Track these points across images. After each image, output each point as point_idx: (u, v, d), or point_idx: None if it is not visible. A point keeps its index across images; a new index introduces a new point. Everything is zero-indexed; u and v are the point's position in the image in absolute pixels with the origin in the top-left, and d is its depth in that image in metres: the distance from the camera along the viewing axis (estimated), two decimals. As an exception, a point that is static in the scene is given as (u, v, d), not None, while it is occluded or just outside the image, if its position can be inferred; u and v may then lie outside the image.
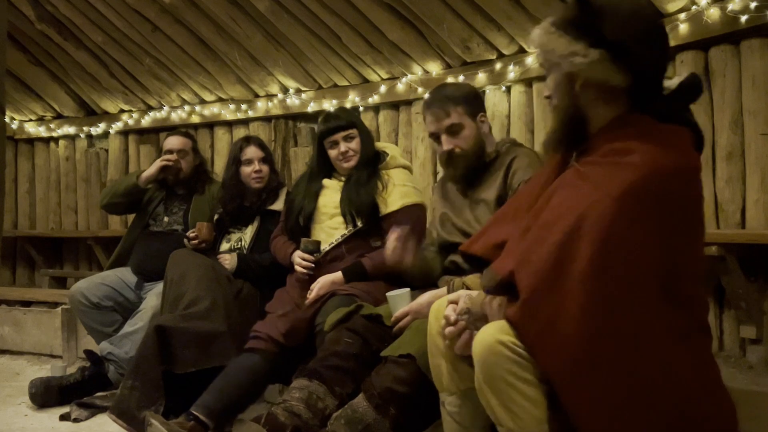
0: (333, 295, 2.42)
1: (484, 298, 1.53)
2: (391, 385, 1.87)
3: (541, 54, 1.55)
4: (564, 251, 1.35)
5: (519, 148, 2.27)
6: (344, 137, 2.67)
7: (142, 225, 3.36)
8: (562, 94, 1.51)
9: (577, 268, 1.33)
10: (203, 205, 3.34)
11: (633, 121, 1.46)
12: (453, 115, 2.18)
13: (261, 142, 3.14)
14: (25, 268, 5.33)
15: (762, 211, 2.74)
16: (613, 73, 1.43)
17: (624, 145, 1.42)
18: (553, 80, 1.52)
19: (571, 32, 1.46)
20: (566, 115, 1.52)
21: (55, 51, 4.69)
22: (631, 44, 1.42)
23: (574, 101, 1.49)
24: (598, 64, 1.42)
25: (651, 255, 1.35)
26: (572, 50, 1.44)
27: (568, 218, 1.38)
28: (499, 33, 3.40)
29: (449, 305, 1.62)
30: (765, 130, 2.73)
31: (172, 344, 2.47)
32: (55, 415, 2.78)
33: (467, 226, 2.19)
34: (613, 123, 1.47)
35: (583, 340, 1.31)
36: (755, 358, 2.66)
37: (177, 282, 2.67)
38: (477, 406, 1.68)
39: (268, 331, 2.46)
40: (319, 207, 2.68)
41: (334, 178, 2.75)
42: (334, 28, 3.75)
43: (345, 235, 2.60)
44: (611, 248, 1.33)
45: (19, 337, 4.03)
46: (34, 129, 5.25)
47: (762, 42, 2.74)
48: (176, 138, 3.43)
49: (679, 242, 1.39)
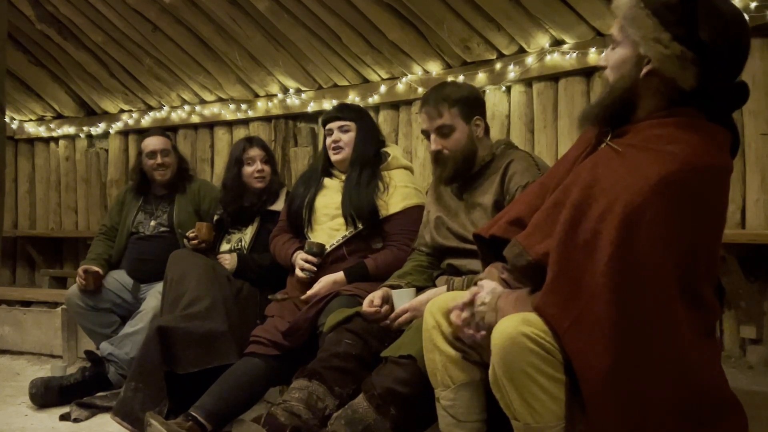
0: (336, 295, 2.41)
1: (502, 292, 1.52)
2: (392, 386, 1.87)
3: (620, 24, 1.48)
4: (595, 237, 1.36)
5: (515, 151, 2.25)
6: (339, 127, 2.68)
7: (127, 233, 3.34)
8: (625, 73, 1.47)
9: (604, 256, 1.33)
10: (187, 204, 3.34)
11: (681, 113, 1.44)
12: (445, 115, 2.18)
13: (263, 143, 3.13)
14: (25, 268, 5.33)
15: (762, 211, 2.74)
16: (686, 73, 1.40)
17: (668, 133, 1.41)
18: (620, 55, 1.48)
19: (662, 17, 1.39)
20: (620, 96, 1.48)
21: (55, 51, 4.68)
22: (716, 52, 1.39)
23: (633, 84, 1.46)
24: (675, 60, 1.38)
25: (675, 246, 1.35)
26: (657, 36, 1.39)
27: (601, 202, 1.38)
28: (499, 33, 3.40)
29: (470, 294, 1.57)
30: (765, 130, 2.73)
31: (174, 345, 2.47)
32: (55, 415, 2.78)
33: (463, 229, 2.18)
34: (661, 111, 1.46)
35: (613, 332, 1.30)
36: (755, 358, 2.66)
37: (177, 282, 2.67)
38: (471, 401, 1.69)
39: (268, 336, 2.46)
40: (320, 208, 2.67)
41: (335, 177, 2.74)
42: (334, 28, 3.75)
43: (346, 236, 2.59)
44: (640, 234, 1.33)
45: (19, 337, 4.03)
46: (34, 129, 5.25)
47: (762, 42, 2.74)
48: (157, 139, 3.39)
49: (701, 240, 1.40)
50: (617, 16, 1.49)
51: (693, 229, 1.37)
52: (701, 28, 1.37)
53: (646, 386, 1.32)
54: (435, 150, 2.21)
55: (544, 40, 3.35)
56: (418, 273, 2.30)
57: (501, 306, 1.49)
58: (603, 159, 1.48)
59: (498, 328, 1.41)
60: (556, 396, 1.37)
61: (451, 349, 1.67)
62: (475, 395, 1.70)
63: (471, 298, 1.55)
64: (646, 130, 1.45)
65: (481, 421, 1.71)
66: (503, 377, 1.39)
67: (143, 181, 3.40)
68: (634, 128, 1.48)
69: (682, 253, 1.36)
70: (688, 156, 1.37)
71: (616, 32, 1.50)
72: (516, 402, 1.38)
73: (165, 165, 3.34)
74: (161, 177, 3.35)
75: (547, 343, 1.35)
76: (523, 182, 2.08)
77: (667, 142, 1.40)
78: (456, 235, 2.20)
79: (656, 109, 1.46)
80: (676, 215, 1.35)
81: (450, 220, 2.23)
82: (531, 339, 1.35)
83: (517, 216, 1.65)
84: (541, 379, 1.36)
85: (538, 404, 1.37)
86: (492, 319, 1.48)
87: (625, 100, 1.48)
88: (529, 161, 2.16)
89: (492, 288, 1.56)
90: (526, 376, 1.36)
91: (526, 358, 1.35)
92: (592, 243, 1.37)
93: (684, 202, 1.36)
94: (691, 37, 1.37)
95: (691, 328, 1.37)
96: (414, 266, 2.33)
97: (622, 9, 1.47)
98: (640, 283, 1.33)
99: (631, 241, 1.33)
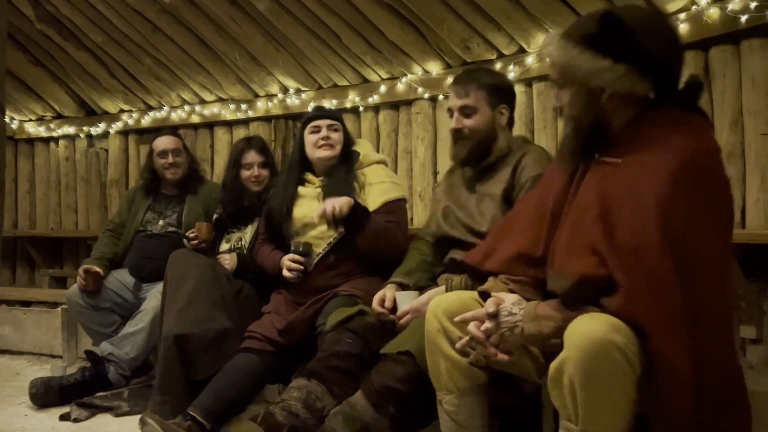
0: (334, 296, 2.41)
1: (535, 302, 1.51)
2: (391, 384, 1.87)
3: (558, 69, 1.55)
4: (640, 237, 1.37)
5: (530, 145, 2.28)
6: (329, 125, 2.66)
7: (134, 230, 3.34)
8: (584, 106, 1.52)
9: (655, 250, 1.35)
10: (197, 206, 3.33)
11: (662, 112, 1.49)
12: (471, 96, 2.19)
13: (262, 146, 3.11)
14: (25, 268, 5.33)
15: (762, 211, 2.74)
16: (640, 84, 1.47)
17: (661, 131, 1.46)
18: (572, 94, 1.54)
19: (594, 47, 1.47)
20: (587, 124, 1.54)
21: (55, 51, 4.68)
22: (654, 56, 1.46)
23: (598, 111, 1.52)
24: (625, 77, 1.45)
25: (713, 228, 1.40)
26: (599, 66, 1.46)
27: (627, 206, 1.41)
28: (499, 33, 3.40)
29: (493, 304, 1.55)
30: (765, 130, 2.73)
31: (190, 352, 2.47)
32: (55, 415, 2.78)
33: (470, 220, 2.18)
34: (642, 116, 1.50)
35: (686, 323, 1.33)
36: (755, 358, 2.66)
37: (177, 282, 2.66)
38: (475, 406, 1.68)
39: (264, 331, 2.45)
40: (299, 218, 2.61)
41: (308, 184, 2.69)
42: (334, 28, 3.75)
43: (331, 243, 2.55)
44: (681, 219, 1.37)
45: (19, 337, 4.04)
46: (34, 129, 5.25)
47: (762, 42, 2.73)
48: (168, 138, 3.39)
49: (721, 223, 1.44)
50: (550, 62, 1.56)
51: (714, 211, 1.42)
52: (630, 44, 1.45)
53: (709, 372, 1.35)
54: (455, 128, 2.22)
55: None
56: (422, 271, 2.30)
57: (542, 314, 1.47)
58: (603, 173, 1.51)
59: (582, 330, 1.34)
60: (624, 410, 1.35)
61: (456, 354, 1.65)
62: (479, 400, 1.69)
63: (495, 310, 1.52)
64: (635, 135, 1.49)
65: (484, 426, 1.70)
66: (578, 381, 1.33)
67: (154, 180, 3.40)
68: (620, 140, 1.52)
69: (720, 232, 1.42)
70: (692, 144, 1.42)
71: (557, 76, 1.56)
72: (583, 408, 1.35)
73: (176, 164, 3.34)
74: (172, 176, 3.35)
75: (631, 354, 1.33)
76: (533, 174, 2.08)
77: (664, 138, 1.44)
78: (463, 225, 2.20)
79: (631, 117, 1.52)
80: (699, 198, 1.39)
81: (458, 210, 2.24)
82: (619, 349, 1.31)
83: (519, 251, 1.66)
84: (615, 392, 1.33)
85: (604, 415, 1.34)
86: (534, 329, 1.47)
87: (595, 125, 1.53)
88: (542, 154, 2.18)
89: (517, 299, 1.55)
90: (603, 386, 1.32)
91: (610, 368, 1.31)
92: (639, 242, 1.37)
93: (702, 184, 1.40)
94: (627, 53, 1.45)
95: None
96: (419, 262, 2.33)
97: (553, 55, 1.54)
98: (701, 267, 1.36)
99: (674, 226, 1.36)
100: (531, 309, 1.50)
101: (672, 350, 1.31)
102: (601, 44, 1.46)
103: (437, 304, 1.71)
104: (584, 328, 1.34)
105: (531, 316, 1.48)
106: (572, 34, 1.51)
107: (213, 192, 3.38)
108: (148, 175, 3.43)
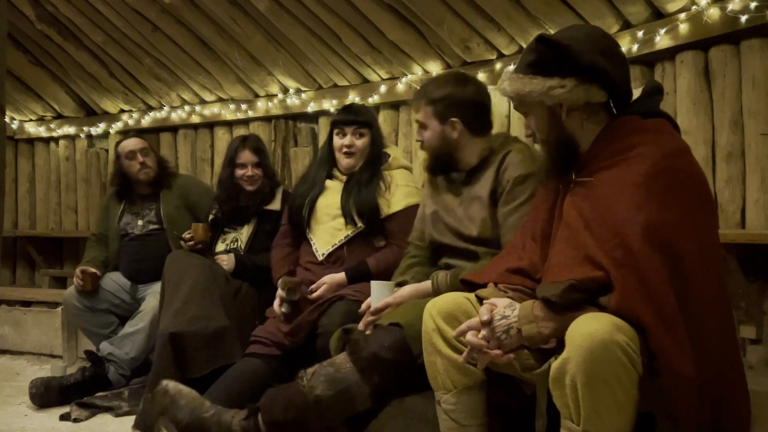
0: (339, 299, 2.41)
1: (530, 303, 1.53)
2: (378, 351, 1.89)
3: (516, 100, 1.66)
4: (620, 236, 1.43)
5: (513, 143, 2.21)
6: (354, 131, 2.67)
7: (117, 235, 3.35)
8: (549, 126, 1.63)
9: (637, 249, 1.40)
10: (174, 198, 3.35)
11: (623, 123, 1.58)
12: (421, 111, 2.21)
13: (257, 144, 3.11)
14: (25, 268, 5.33)
15: (762, 211, 2.73)
16: (592, 92, 1.56)
17: (625, 142, 1.54)
18: (536, 118, 1.65)
19: (540, 72, 1.58)
20: (558, 143, 1.63)
21: (55, 51, 4.68)
22: (598, 64, 1.55)
23: (563, 129, 1.61)
24: (577, 89, 1.55)
25: (690, 225, 1.44)
26: (549, 86, 1.56)
27: (608, 215, 1.47)
28: (499, 33, 3.40)
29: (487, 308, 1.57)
30: (765, 130, 2.73)
31: (185, 350, 2.48)
32: (55, 415, 2.78)
33: (458, 224, 2.17)
34: (605, 130, 1.60)
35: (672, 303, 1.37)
36: (755, 358, 2.65)
37: (175, 282, 2.67)
38: (473, 404, 1.69)
39: (269, 336, 2.45)
40: (322, 207, 2.66)
41: (336, 178, 2.73)
42: (334, 28, 3.75)
43: (348, 236, 2.59)
44: (657, 223, 1.41)
45: (19, 337, 4.04)
46: (34, 129, 5.25)
47: (762, 42, 2.73)
48: (134, 140, 3.42)
49: (701, 218, 1.48)
50: (512, 96, 1.66)
51: (693, 211, 1.46)
52: (572, 58, 1.55)
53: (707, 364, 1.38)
54: (417, 140, 2.27)
55: (544, 40, 3.34)
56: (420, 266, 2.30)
57: (540, 314, 1.48)
58: (580, 194, 1.58)
59: (585, 330, 1.34)
60: (626, 410, 1.36)
61: (452, 353, 1.66)
62: (477, 399, 1.70)
63: (489, 317, 1.53)
64: (603, 150, 1.57)
65: (483, 424, 1.70)
66: (580, 380, 1.34)
67: (124, 184, 3.41)
68: (590, 157, 1.60)
69: (703, 227, 1.47)
70: (656, 150, 1.49)
71: (518, 105, 1.69)
72: (585, 407, 1.35)
73: (146, 164, 3.35)
74: (145, 176, 3.36)
75: (634, 353, 1.33)
76: (515, 174, 2.06)
77: (630, 148, 1.52)
78: (452, 230, 2.19)
79: (596, 132, 1.61)
80: (673, 200, 1.45)
81: (446, 215, 2.22)
82: (622, 348, 1.32)
83: (518, 266, 1.71)
84: (619, 391, 1.33)
85: (607, 415, 1.34)
86: (533, 330, 1.48)
87: (565, 143, 1.62)
88: (525, 153, 2.13)
89: (508, 302, 1.56)
90: (606, 385, 1.33)
91: (613, 367, 1.32)
92: (622, 239, 1.42)
93: (674, 187, 1.46)
94: (569, 66, 1.55)
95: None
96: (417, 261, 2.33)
97: (507, 89, 1.66)
98: (689, 263, 1.41)
99: (654, 227, 1.41)
100: (527, 310, 1.51)
101: (671, 347, 1.32)
102: (545, 66, 1.57)
103: (433, 304, 1.72)
104: (588, 328, 1.34)
105: (528, 318, 1.49)
106: (519, 66, 1.64)
107: (187, 183, 3.44)
108: (118, 180, 3.44)
